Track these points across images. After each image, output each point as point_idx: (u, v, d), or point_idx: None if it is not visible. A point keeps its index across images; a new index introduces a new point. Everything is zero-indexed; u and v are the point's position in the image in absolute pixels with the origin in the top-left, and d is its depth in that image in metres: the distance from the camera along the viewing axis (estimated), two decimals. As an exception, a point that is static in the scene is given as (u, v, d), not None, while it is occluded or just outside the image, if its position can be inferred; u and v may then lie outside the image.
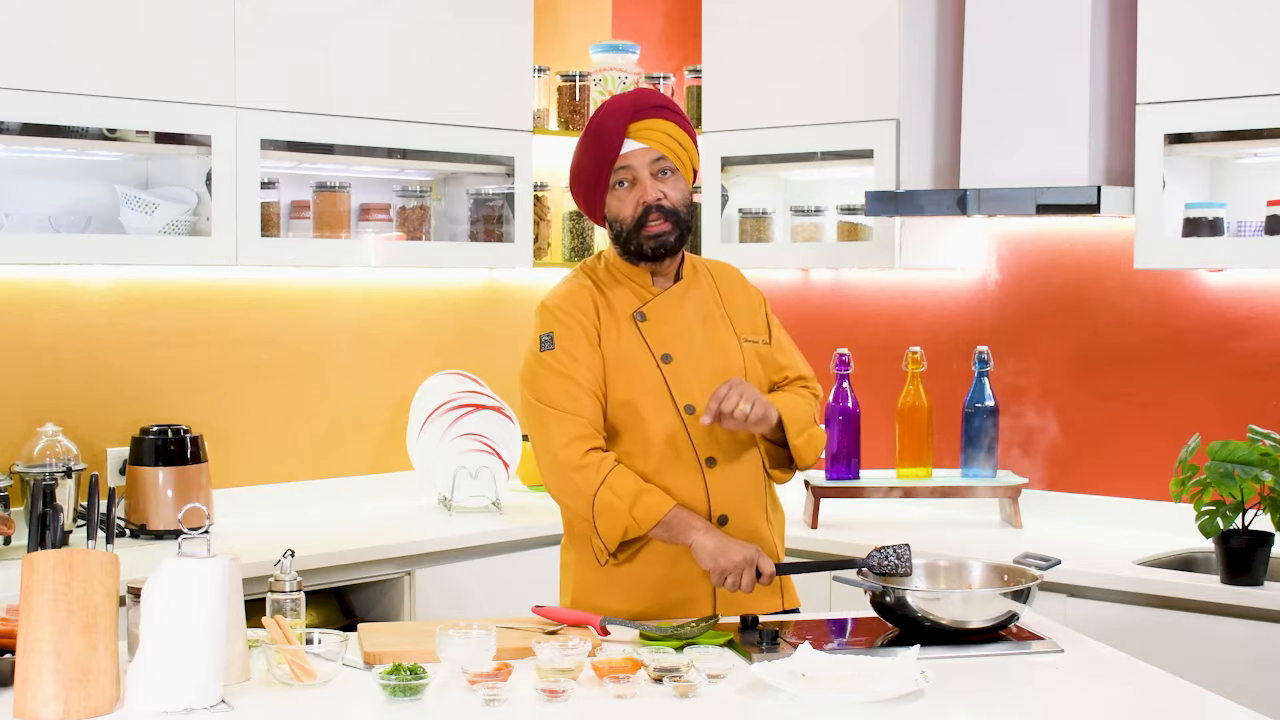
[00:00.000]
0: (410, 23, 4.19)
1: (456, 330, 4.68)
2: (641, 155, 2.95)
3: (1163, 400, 4.09)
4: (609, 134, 2.95)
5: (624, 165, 2.96)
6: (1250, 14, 3.59)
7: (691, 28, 4.88)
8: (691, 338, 3.02)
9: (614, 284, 3.03)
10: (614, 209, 2.98)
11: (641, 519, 2.84)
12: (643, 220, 2.95)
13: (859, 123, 4.25)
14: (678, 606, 2.95)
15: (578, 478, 2.87)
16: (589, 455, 2.88)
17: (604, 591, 2.98)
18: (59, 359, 3.89)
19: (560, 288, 3.05)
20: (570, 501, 2.92)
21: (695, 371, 2.99)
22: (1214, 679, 2.93)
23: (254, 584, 2.99)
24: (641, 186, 2.95)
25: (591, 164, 2.98)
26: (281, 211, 4.19)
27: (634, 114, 2.95)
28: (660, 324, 3.00)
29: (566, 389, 2.93)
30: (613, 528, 2.86)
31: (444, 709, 2.39)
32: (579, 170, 3.01)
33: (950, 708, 2.42)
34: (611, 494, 2.84)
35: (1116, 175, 3.92)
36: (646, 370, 2.97)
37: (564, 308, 2.99)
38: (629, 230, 2.97)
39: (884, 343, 4.53)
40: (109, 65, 3.62)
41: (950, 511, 4.31)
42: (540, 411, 2.94)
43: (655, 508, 2.85)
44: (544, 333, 2.99)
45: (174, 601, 2.34)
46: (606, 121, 2.96)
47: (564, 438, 2.89)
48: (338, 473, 4.42)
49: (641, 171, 2.95)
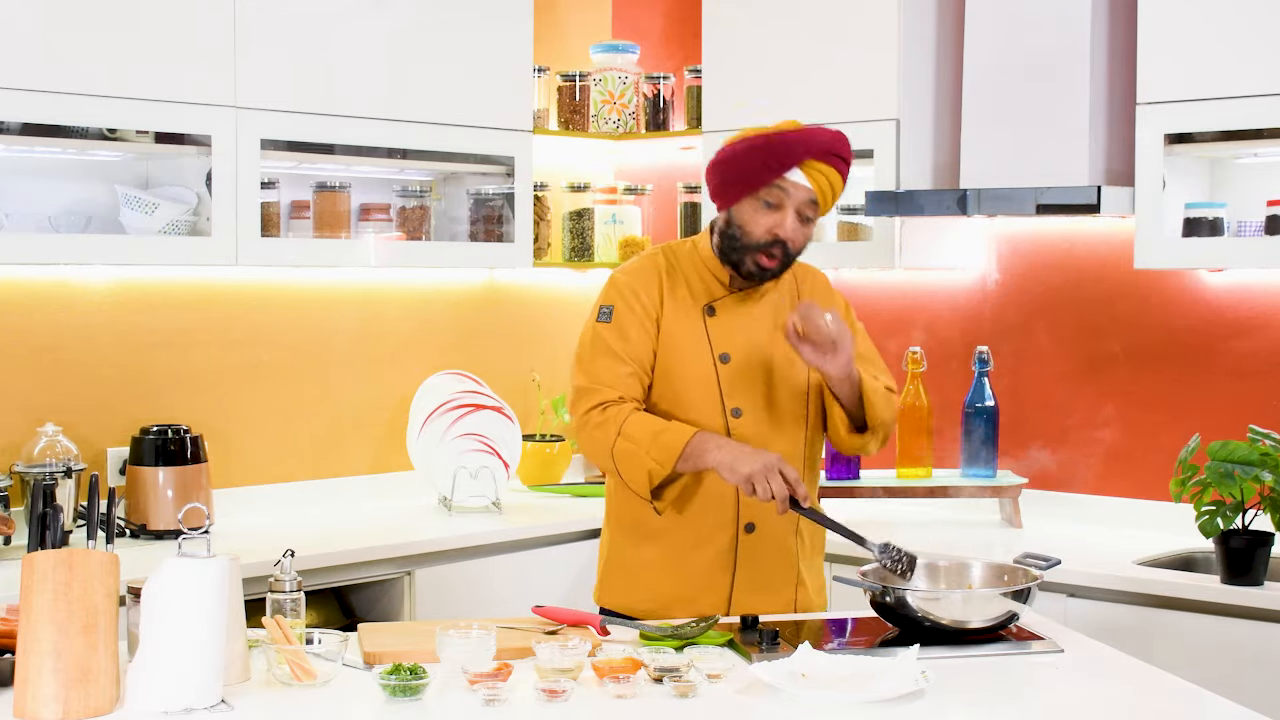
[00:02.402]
0: (410, 23, 4.19)
1: (456, 330, 4.68)
2: (801, 192, 2.93)
3: (1163, 400, 4.10)
4: (787, 155, 2.90)
5: (781, 189, 2.93)
6: (1250, 14, 3.59)
7: (691, 28, 4.88)
8: (756, 340, 3.03)
9: (693, 271, 3.05)
10: (744, 217, 2.96)
11: (662, 459, 2.86)
12: (764, 246, 2.95)
13: (859, 123, 4.24)
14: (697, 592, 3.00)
15: (599, 434, 2.91)
16: (606, 410, 2.91)
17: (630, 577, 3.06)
18: (59, 359, 3.89)
19: (631, 263, 3.08)
20: (597, 460, 2.96)
21: (750, 376, 3.01)
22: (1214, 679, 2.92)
23: (254, 584, 2.99)
24: (782, 217, 2.94)
25: (752, 167, 2.92)
26: (281, 211, 4.19)
27: (820, 154, 2.91)
28: (727, 322, 3.03)
29: (610, 366, 2.97)
30: (636, 473, 2.88)
31: (444, 709, 2.39)
32: (735, 160, 2.95)
33: (950, 708, 2.42)
34: (629, 442, 2.88)
35: (1116, 175, 3.92)
36: (701, 365, 3.00)
37: (630, 285, 3.02)
38: (746, 245, 2.97)
39: (884, 343, 4.53)
40: (109, 65, 3.62)
41: (950, 511, 4.31)
42: (577, 386, 2.99)
43: (672, 445, 2.86)
44: (605, 304, 3.02)
45: (174, 601, 2.34)
46: (793, 145, 2.91)
47: (590, 404, 2.94)
48: (338, 473, 4.42)
49: (790, 206, 2.94)
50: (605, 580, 3.14)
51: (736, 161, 2.95)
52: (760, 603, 3.03)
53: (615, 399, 2.93)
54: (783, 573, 3.07)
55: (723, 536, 3.02)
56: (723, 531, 3.02)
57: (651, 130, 4.88)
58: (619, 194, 4.88)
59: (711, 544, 3.02)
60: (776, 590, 3.06)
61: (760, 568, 3.04)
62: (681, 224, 4.86)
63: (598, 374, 2.97)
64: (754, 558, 3.03)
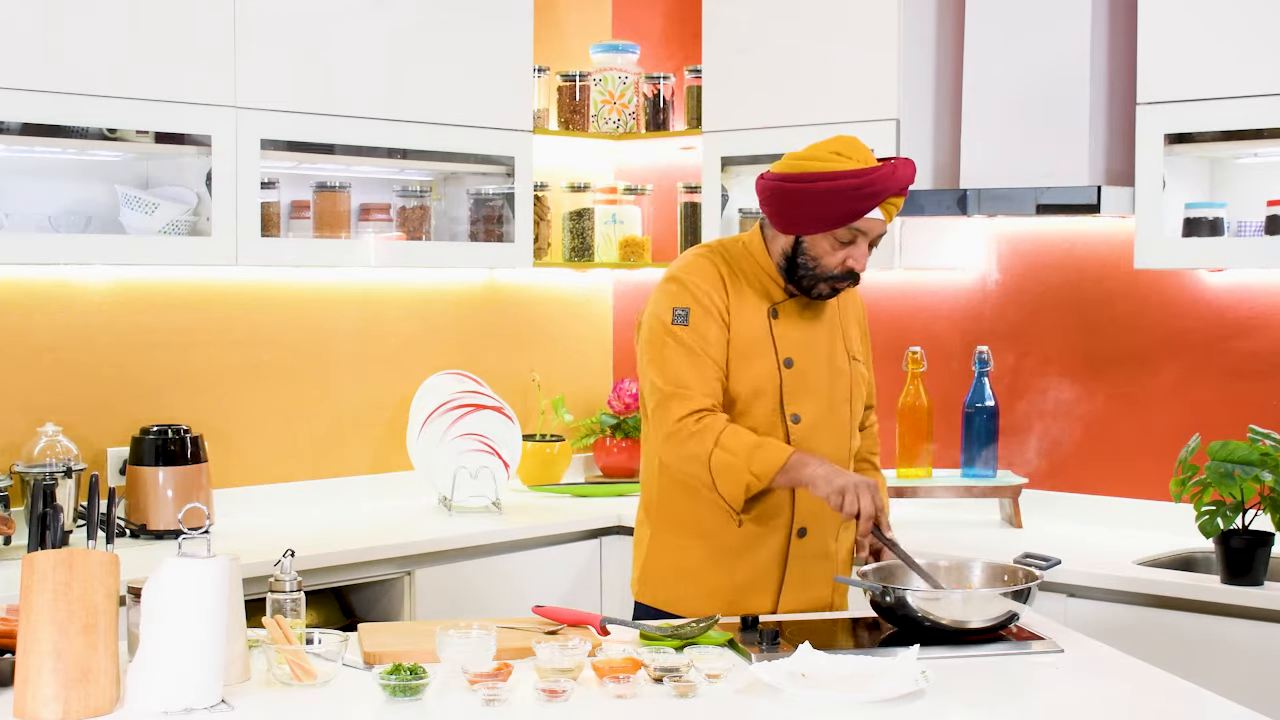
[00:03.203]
0: (410, 23, 4.19)
1: (456, 330, 4.68)
2: (878, 226, 2.95)
3: (1163, 400, 4.10)
4: (878, 199, 2.90)
5: (861, 229, 2.93)
6: (1250, 14, 3.59)
7: (691, 28, 4.88)
8: (815, 347, 3.05)
9: (751, 274, 3.03)
10: (819, 250, 2.96)
11: (760, 472, 2.87)
12: (837, 276, 2.97)
13: (859, 123, 4.24)
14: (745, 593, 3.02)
15: (693, 444, 2.89)
16: (702, 420, 2.90)
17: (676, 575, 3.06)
18: (59, 359, 3.89)
19: (691, 263, 3.04)
20: (687, 467, 2.94)
21: (809, 383, 3.03)
22: (1214, 679, 2.92)
23: (254, 584, 2.99)
24: (859, 252, 2.95)
25: (838, 211, 2.90)
26: (281, 211, 4.19)
27: (900, 190, 2.92)
28: (789, 326, 3.03)
29: (696, 364, 2.94)
30: (734, 486, 2.89)
31: (444, 709, 2.39)
32: (812, 198, 2.90)
33: (950, 708, 2.42)
34: (727, 454, 2.87)
35: (1116, 175, 3.92)
36: (767, 370, 3.00)
37: (699, 283, 2.99)
38: (817, 275, 2.97)
39: (884, 343, 4.53)
40: (109, 65, 3.62)
41: (950, 511, 4.31)
42: (662, 392, 2.95)
43: (772, 460, 2.87)
44: (679, 306, 2.98)
45: (174, 601, 2.34)
46: (882, 190, 2.89)
47: (682, 410, 2.91)
48: (338, 473, 4.42)
49: (867, 239, 2.95)
50: (647, 577, 3.12)
51: (815, 200, 2.91)
52: (804, 601, 3.07)
53: (709, 406, 2.92)
54: (824, 574, 3.10)
55: (775, 540, 3.03)
56: (775, 536, 3.03)
57: (651, 130, 4.88)
58: (619, 194, 4.88)
59: (764, 547, 3.03)
60: (817, 590, 3.09)
61: (806, 569, 3.07)
62: (681, 224, 4.86)
63: (681, 377, 2.93)
64: (802, 560, 3.06)
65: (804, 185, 2.92)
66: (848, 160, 2.91)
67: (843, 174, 2.89)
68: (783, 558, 3.04)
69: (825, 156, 2.92)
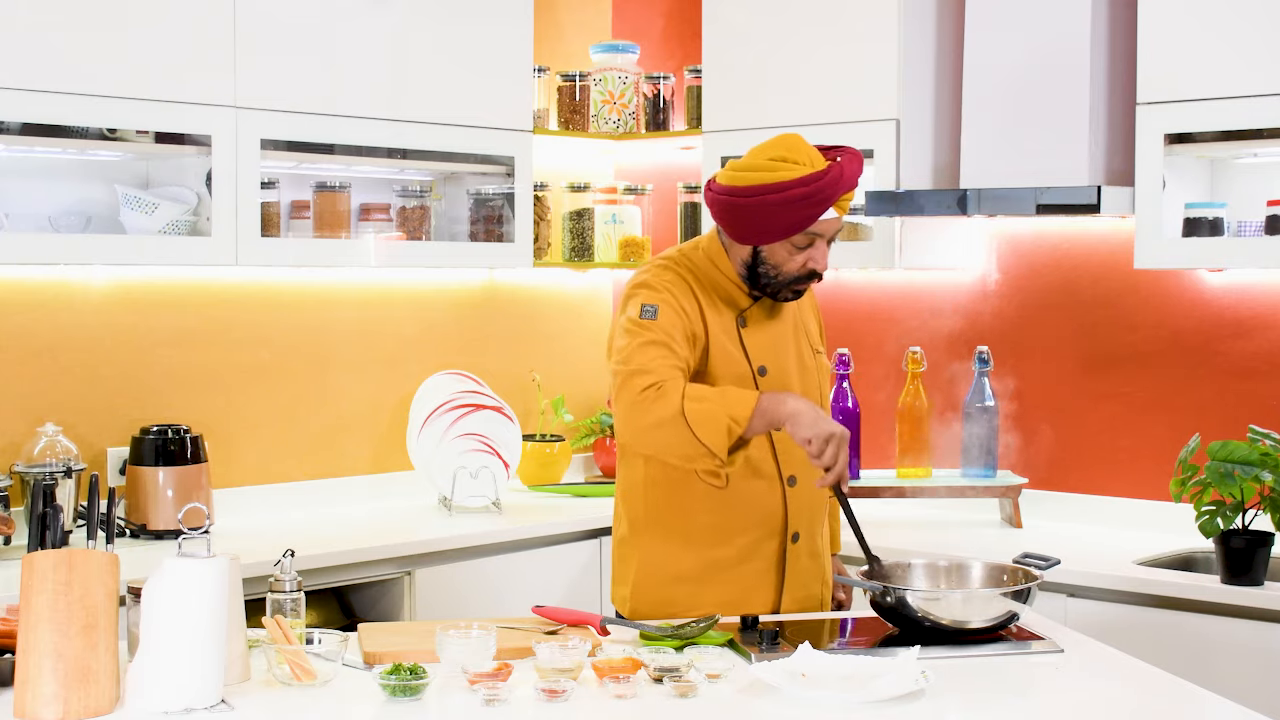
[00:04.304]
0: (410, 23, 4.19)
1: (456, 330, 4.68)
2: (833, 225, 2.93)
3: (1163, 400, 4.10)
4: (829, 202, 2.88)
5: (817, 231, 2.91)
6: (1250, 14, 3.59)
7: (691, 28, 4.88)
8: (784, 351, 3.04)
9: (714, 283, 3.00)
10: (779, 258, 2.94)
11: (738, 415, 2.76)
12: (799, 279, 2.96)
13: (859, 123, 4.25)
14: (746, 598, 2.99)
15: (659, 407, 2.77)
16: (664, 386, 2.78)
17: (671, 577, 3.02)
18: (59, 359, 3.89)
19: (657, 273, 2.97)
20: (660, 433, 2.79)
21: (784, 387, 3.01)
22: (1214, 679, 2.93)
23: (254, 584, 2.99)
24: (819, 253, 2.94)
25: (793, 220, 2.87)
26: (281, 211, 4.19)
27: (850, 187, 2.90)
28: (758, 333, 3.01)
29: (661, 354, 2.85)
30: (716, 432, 2.76)
31: (444, 709, 2.40)
32: (769, 211, 2.88)
33: (950, 708, 2.42)
34: (698, 404, 2.76)
35: (1116, 175, 3.92)
36: (742, 380, 2.97)
37: (670, 290, 2.93)
38: (780, 281, 2.96)
39: (884, 343, 4.53)
40: (109, 65, 3.62)
41: (950, 511, 4.31)
42: (627, 374, 2.83)
43: (745, 400, 2.78)
44: (648, 304, 2.90)
45: (174, 601, 2.34)
46: (833, 194, 2.87)
47: (643, 384, 2.80)
48: (338, 473, 4.42)
49: (824, 239, 2.94)
50: (639, 595, 3.06)
51: (767, 213, 2.88)
52: (800, 604, 3.06)
53: (668, 379, 2.82)
54: (816, 573, 3.10)
55: (771, 546, 3.03)
56: (771, 541, 3.02)
57: (651, 130, 4.88)
58: (619, 194, 4.88)
59: (759, 555, 3.02)
60: (811, 590, 3.09)
61: (801, 571, 3.07)
62: (681, 224, 4.86)
63: (645, 362, 2.83)
64: (797, 562, 3.05)
65: (755, 199, 2.88)
66: (793, 166, 2.87)
67: (791, 184, 2.85)
68: (779, 565, 3.04)
69: (768, 165, 2.88)
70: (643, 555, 3.06)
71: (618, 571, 3.13)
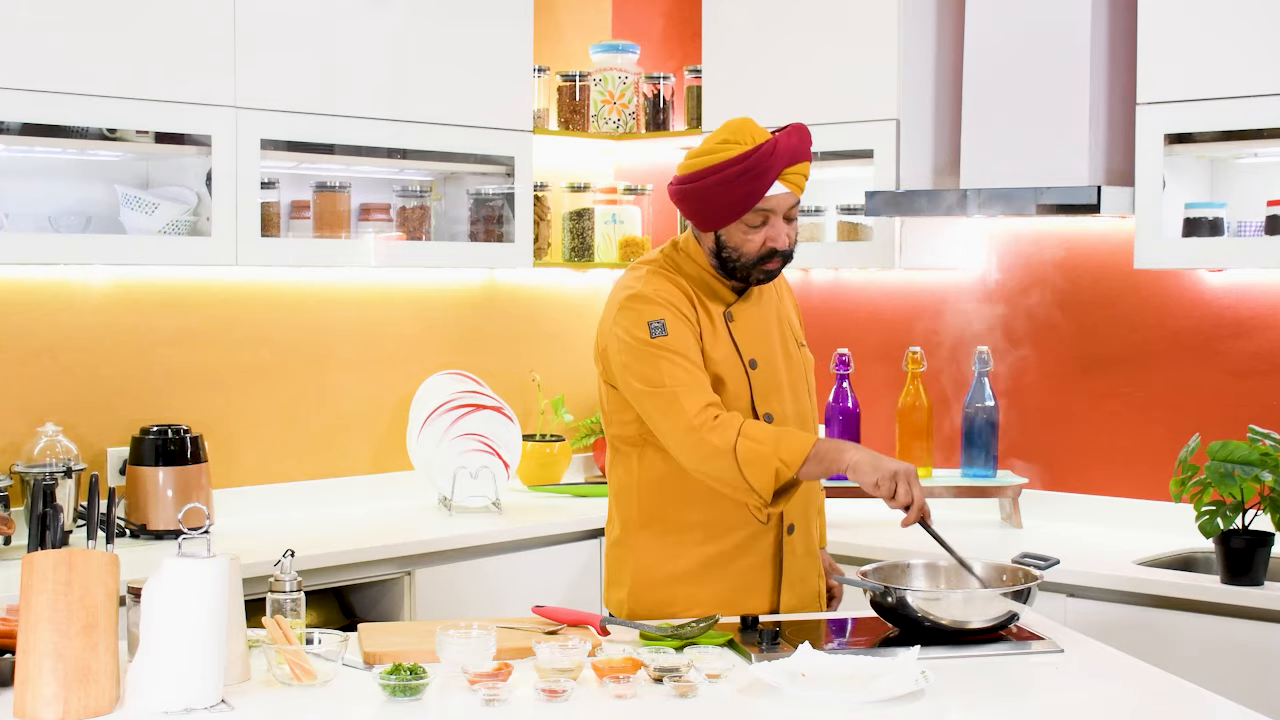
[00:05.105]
0: (410, 23, 4.19)
1: (456, 330, 4.68)
2: (785, 200, 2.93)
3: (1163, 400, 4.10)
4: (767, 179, 2.89)
5: (767, 208, 2.92)
6: (1250, 14, 3.59)
7: (691, 28, 4.88)
8: (770, 343, 3.04)
9: (700, 282, 3.02)
10: (736, 240, 2.95)
11: (789, 459, 2.80)
12: (763, 259, 2.96)
13: (859, 123, 4.25)
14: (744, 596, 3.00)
15: (714, 438, 2.82)
16: (719, 418, 2.84)
17: (668, 577, 3.02)
18: (59, 359, 3.89)
19: (650, 281, 2.98)
20: (712, 466, 2.84)
21: (775, 379, 3.02)
22: (1214, 679, 2.93)
23: (254, 584, 2.99)
24: (775, 229, 2.94)
25: (735, 198, 2.90)
26: (281, 211, 4.19)
27: (792, 160, 2.91)
28: (745, 326, 3.02)
29: (687, 368, 2.89)
30: (763, 474, 2.80)
31: (444, 709, 2.40)
32: (714, 195, 2.91)
33: (950, 708, 2.42)
34: (752, 442, 2.80)
35: (1116, 175, 3.92)
36: (735, 373, 2.98)
37: (665, 297, 2.95)
38: (744, 264, 2.96)
39: (884, 343, 4.53)
40: (109, 65, 3.62)
41: (950, 511, 4.31)
42: (669, 394, 2.87)
43: (799, 446, 2.81)
44: (653, 320, 2.92)
45: (174, 601, 2.34)
46: (770, 167, 2.89)
47: (695, 406, 2.85)
48: (338, 473, 4.42)
49: (779, 215, 2.94)
50: (638, 596, 3.06)
51: (711, 194, 2.92)
52: (799, 599, 3.06)
53: (716, 400, 2.88)
54: (812, 567, 3.10)
55: (766, 540, 3.03)
56: (766, 536, 3.02)
57: (651, 130, 4.88)
58: (619, 194, 4.88)
59: (755, 550, 3.02)
60: (809, 584, 3.10)
61: (798, 565, 3.07)
62: (682, 224, 4.86)
63: (678, 378, 2.88)
64: (794, 556, 3.05)
65: (699, 183, 2.93)
66: (735, 145, 2.90)
67: (728, 162, 2.89)
68: (776, 559, 3.04)
69: (714, 149, 2.92)
70: (638, 557, 3.06)
71: (612, 574, 3.12)
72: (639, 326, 2.92)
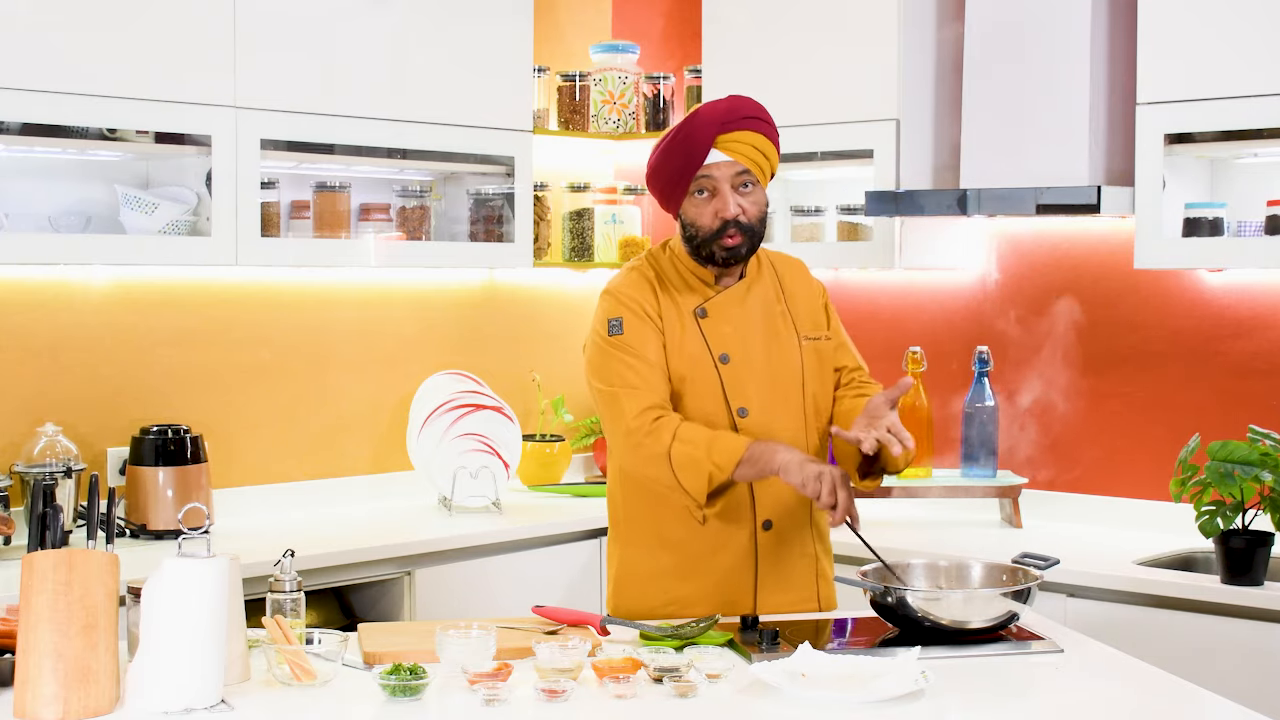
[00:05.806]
0: (410, 23, 4.19)
1: (456, 330, 4.68)
2: (726, 168, 2.94)
3: (1163, 400, 4.10)
4: (697, 143, 2.92)
5: (706, 175, 2.94)
6: (1250, 14, 3.59)
7: (691, 28, 4.88)
8: (751, 338, 3.03)
9: (677, 277, 3.04)
10: (691, 215, 2.98)
11: (722, 462, 2.84)
12: (720, 232, 2.96)
13: (859, 123, 4.25)
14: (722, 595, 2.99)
15: (650, 442, 2.88)
16: (658, 421, 2.89)
17: (647, 586, 3.03)
18: (59, 359, 3.89)
19: (623, 277, 3.06)
20: (648, 468, 2.91)
21: (751, 374, 3.01)
22: (1214, 679, 2.93)
23: (254, 584, 2.99)
24: (722, 199, 2.94)
25: (674, 168, 2.96)
26: (281, 211, 4.19)
27: (723, 125, 2.92)
28: (720, 322, 3.02)
29: (637, 368, 2.95)
30: (696, 478, 2.85)
31: (444, 709, 2.40)
32: (659, 169, 2.99)
33: (950, 708, 2.42)
34: (686, 446, 2.85)
35: (1116, 175, 3.92)
36: (704, 369, 2.99)
37: (630, 294, 3.01)
38: (704, 239, 2.98)
39: (884, 343, 4.53)
40: (109, 65, 3.62)
41: (950, 511, 4.31)
42: (611, 394, 2.95)
43: (732, 449, 2.85)
44: (612, 318, 2.99)
45: (174, 601, 2.34)
46: (695, 130, 2.93)
47: (634, 409, 2.91)
48: (338, 473, 4.42)
49: (723, 184, 2.94)
50: (620, 592, 3.09)
51: (661, 169, 2.99)
52: (785, 601, 3.04)
53: (659, 403, 2.92)
54: (803, 569, 3.08)
55: (741, 536, 3.02)
56: (741, 531, 3.02)
57: (651, 130, 4.88)
58: (619, 194, 4.88)
59: (731, 546, 3.01)
60: (799, 587, 3.07)
61: (781, 565, 3.05)
62: (681, 224, 4.86)
63: (626, 379, 2.94)
64: (774, 555, 3.04)
65: (650, 165, 3.01)
66: (677, 125, 2.98)
67: (664, 136, 2.98)
68: (752, 556, 3.02)
69: (666, 133, 3.00)
70: (621, 554, 3.10)
71: (607, 573, 3.17)
72: (601, 324, 3.02)
